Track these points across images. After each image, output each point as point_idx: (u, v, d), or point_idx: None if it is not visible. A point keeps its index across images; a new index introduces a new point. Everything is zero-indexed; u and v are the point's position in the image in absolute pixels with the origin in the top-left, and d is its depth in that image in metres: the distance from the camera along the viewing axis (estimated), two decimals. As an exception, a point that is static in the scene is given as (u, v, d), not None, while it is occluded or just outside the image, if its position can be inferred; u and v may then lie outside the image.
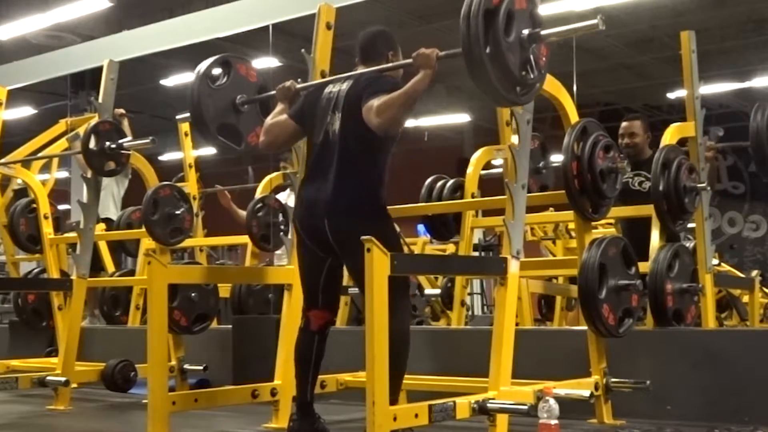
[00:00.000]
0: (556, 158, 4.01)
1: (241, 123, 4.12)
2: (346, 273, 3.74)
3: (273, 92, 3.99)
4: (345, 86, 3.58)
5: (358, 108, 3.39)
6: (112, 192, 7.15)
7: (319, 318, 3.63)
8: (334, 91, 3.61)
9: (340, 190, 3.43)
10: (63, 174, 9.93)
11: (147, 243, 6.18)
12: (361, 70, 3.66)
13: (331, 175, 3.46)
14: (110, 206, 7.14)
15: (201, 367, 5.37)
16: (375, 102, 3.32)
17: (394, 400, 3.25)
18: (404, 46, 3.71)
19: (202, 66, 4.08)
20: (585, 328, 3.95)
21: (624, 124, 5.51)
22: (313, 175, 3.57)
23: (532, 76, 3.20)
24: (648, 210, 4.79)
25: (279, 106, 3.84)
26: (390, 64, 3.64)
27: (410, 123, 15.33)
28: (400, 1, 11.08)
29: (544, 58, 3.26)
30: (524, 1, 3.20)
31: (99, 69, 5.44)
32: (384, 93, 3.34)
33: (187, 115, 4.22)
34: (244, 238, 6.51)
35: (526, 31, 3.17)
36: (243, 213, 6.59)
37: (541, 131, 5.21)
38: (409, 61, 3.40)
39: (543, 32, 3.21)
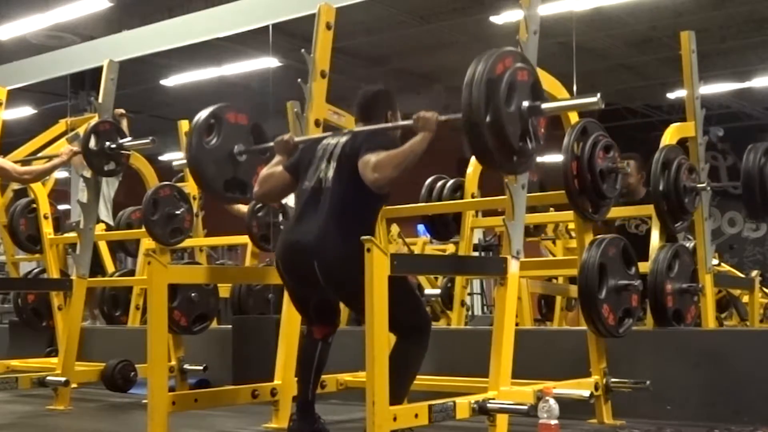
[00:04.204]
0: (557, 158, 4.01)
1: (243, 172, 4.11)
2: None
3: (271, 144, 4.00)
4: (343, 139, 3.56)
5: (355, 160, 3.38)
6: (103, 192, 7.13)
7: (321, 331, 3.65)
8: (331, 143, 3.59)
9: (330, 233, 3.36)
10: (63, 174, 9.93)
11: (147, 243, 6.18)
12: (360, 128, 3.66)
13: (321, 218, 3.40)
14: (101, 207, 7.12)
15: (201, 367, 5.37)
16: (373, 158, 3.31)
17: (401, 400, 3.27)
18: (404, 45, 3.72)
19: (194, 128, 4.04)
20: (585, 328, 3.95)
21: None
22: (300, 218, 3.52)
23: (530, 146, 3.26)
24: (648, 210, 4.79)
25: (277, 158, 3.84)
26: (390, 124, 3.65)
27: (407, 121, 15.33)
28: (400, 1, 11.08)
29: (542, 130, 3.34)
30: (526, 73, 3.27)
31: (99, 69, 5.44)
32: (382, 149, 3.34)
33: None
34: (244, 238, 6.51)
35: (526, 103, 3.24)
36: (238, 205, 6.56)
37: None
38: (410, 122, 3.44)
39: (543, 106, 3.28)
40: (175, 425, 3.67)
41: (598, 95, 3.36)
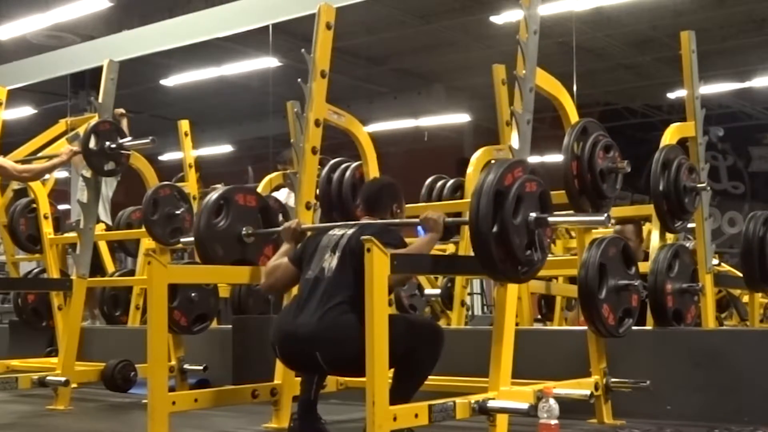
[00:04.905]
0: (556, 158, 4.01)
1: (250, 253, 4.13)
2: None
3: (278, 228, 4.02)
4: (349, 231, 3.55)
5: (361, 254, 3.29)
6: (101, 192, 7.12)
7: None
8: (337, 234, 3.58)
9: (331, 323, 3.33)
10: (63, 174, 9.93)
11: (147, 243, 6.18)
12: (365, 221, 3.67)
13: (321, 309, 3.36)
14: (99, 207, 7.11)
15: (201, 367, 5.37)
16: None
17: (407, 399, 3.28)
18: (404, 45, 3.74)
19: (204, 209, 4.09)
20: (585, 328, 3.95)
21: (616, 227, 5.29)
22: (300, 308, 3.46)
23: (535, 257, 3.31)
24: (648, 210, 4.79)
25: (284, 246, 3.86)
26: (397, 220, 3.71)
27: (410, 123, 15.36)
28: (400, 1, 11.09)
29: (548, 240, 3.39)
30: (534, 185, 3.32)
31: (99, 69, 5.44)
32: (390, 246, 3.32)
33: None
34: (244, 238, 6.49)
35: (533, 215, 3.28)
36: None
37: (540, 131, 5.19)
38: (416, 221, 3.49)
39: (550, 219, 3.33)
40: (175, 425, 3.66)
41: (606, 215, 3.50)
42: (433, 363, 3.48)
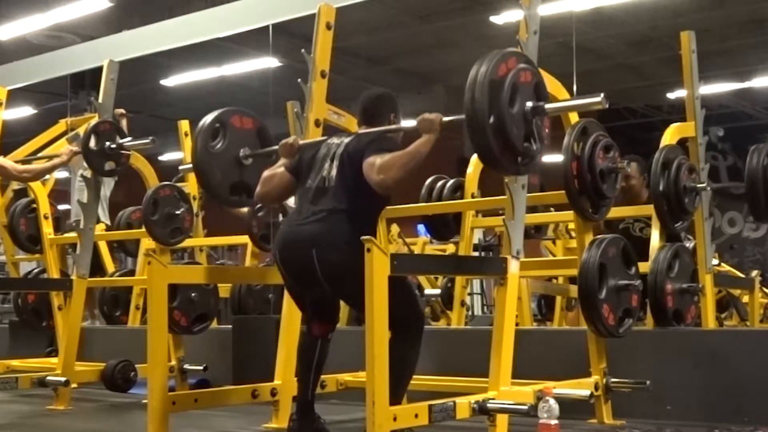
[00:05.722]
0: (556, 158, 4.01)
1: (249, 176, 4.11)
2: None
3: (276, 147, 4.00)
4: (347, 140, 3.58)
5: (359, 161, 3.38)
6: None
7: (320, 329, 3.66)
8: (335, 142, 3.60)
9: (331, 228, 3.38)
10: (63, 174, 9.92)
11: (147, 243, 6.18)
12: (363, 130, 3.66)
13: (323, 213, 3.41)
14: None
15: (201, 367, 5.37)
16: (378, 160, 3.32)
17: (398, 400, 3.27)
18: (404, 45, 3.73)
19: (200, 132, 4.06)
20: (585, 328, 3.95)
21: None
22: (300, 212, 3.52)
23: (534, 147, 3.26)
24: (648, 210, 4.79)
25: (281, 161, 3.85)
26: (393, 126, 3.67)
27: (410, 123, 15.37)
28: (400, 1, 11.09)
29: (546, 130, 3.33)
30: (529, 74, 3.28)
31: (99, 69, 5.44)
32: (387, 152, 3.35)
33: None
34: (244, 238, 6.51)
35: (529, 104, 3.24)
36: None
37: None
38: (413, 124, 3.44)
39: (547, 106, 3.29)
40: (175, 425, 3.67)
41: (602, 95, 3.37)
42: (417, 356, 3.46)
